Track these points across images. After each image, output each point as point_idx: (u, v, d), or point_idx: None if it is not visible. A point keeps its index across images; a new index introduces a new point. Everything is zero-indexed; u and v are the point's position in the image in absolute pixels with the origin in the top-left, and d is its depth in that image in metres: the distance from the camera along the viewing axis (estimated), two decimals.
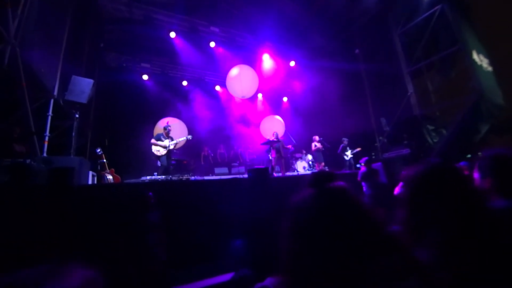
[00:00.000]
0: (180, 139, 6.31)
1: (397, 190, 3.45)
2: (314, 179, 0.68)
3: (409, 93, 7.67)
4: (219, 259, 3.26)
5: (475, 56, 6.46)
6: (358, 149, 8.10)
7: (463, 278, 0.66)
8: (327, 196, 0.63)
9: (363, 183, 5.02)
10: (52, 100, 4.98)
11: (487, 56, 6.93)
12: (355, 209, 0.59)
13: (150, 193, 2.85)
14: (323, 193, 0.63)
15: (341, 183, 0.67)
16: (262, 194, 3.60)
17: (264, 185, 3.69)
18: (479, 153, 1.31)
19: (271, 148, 7.12)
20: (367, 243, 0.53)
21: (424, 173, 0.88)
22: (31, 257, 2.03)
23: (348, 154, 8.14)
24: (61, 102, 5.23)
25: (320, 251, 0.53)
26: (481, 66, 6.55)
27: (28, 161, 3.40)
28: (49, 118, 4.91)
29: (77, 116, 5.22)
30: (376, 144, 8.33)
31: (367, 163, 5.12)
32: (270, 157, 7.20)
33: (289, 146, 7.91)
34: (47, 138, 4.79)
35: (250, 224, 3.33)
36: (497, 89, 6.69)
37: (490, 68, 6.87)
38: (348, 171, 7.39)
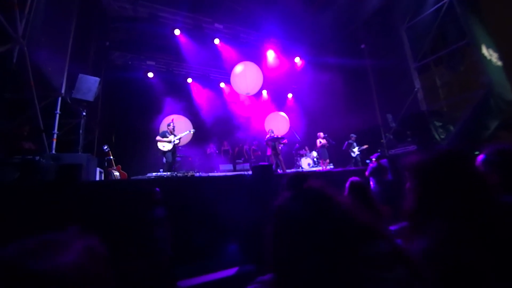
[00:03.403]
0: (183, 134, 6.39)
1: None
2: (290, 182, 0.70)
3: (416, 89, 7.54)
4: (224, 255, 3.31)
5: (484, 50, 6.30)
6: (365, 146, 8.01)
7: (461, 269, 0.66)
8: (304, 196, 0.64)
9: (371, 178, 4.98)
10: (59, 99, 5.07)
11: (497, 50, 6.75)
12: (332, 207, 0.59)
13: (157, 189, 2.89)
14: (301, 194, 0.64)
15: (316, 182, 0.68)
16: (266, 191, 3.62)
17: (267, 182, 3.71)
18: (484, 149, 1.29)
19: (266, 145, 7.10)
20: (348, 237, 0.54)
21: (432, 160, 0.86)
22: None
23: (355, 150, 8.06)
24: (68, 100, 5.32)
25: (303, 250, 0.54)
26: (490, 60, 6.39)
27: (37, 158, 3.47)
28: (57, 116, 5.01)
29: (84, 113, 5.30)
30: (382, 141, 8.24)
31: (378, 159, 5.10)
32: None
33: (285, 141, 7.77)
34: (55, 136, 4.90)
35: (255, 220, 3.35)
36: (506, 84, 6.52)
37: (499, 63, 6.69)
38: (353, 168, 7.34)
